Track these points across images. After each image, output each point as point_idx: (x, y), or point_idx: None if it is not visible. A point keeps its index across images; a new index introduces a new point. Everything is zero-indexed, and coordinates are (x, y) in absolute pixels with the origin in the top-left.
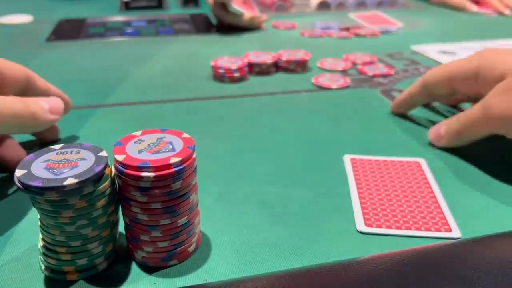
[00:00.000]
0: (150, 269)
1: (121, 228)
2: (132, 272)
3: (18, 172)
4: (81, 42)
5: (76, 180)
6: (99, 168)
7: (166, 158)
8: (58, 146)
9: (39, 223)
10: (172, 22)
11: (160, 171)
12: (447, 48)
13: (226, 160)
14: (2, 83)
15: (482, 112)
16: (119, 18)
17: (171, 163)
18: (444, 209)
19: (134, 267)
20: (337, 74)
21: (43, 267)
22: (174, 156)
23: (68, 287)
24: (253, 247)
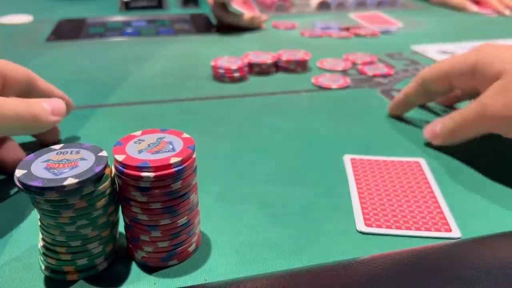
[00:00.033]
0: (150, 269)
1: (121, 228)
2: (132, 272)
3: (18, 172)
4: (81, 42)
5: (76, 180)
6: (99, 168)
7: (166, 158)
8: (58, 146)
9: (39, 223)
10: (172, 22)
11: (160, 171)
12: (447, 48)
13: (226, 160)
14: (4, 84)
15: (477, 111)
16: (119, 18)
17: (171, 163)
18: (444, 209)
19: (134, 267)
20: (337, 74)
21: (43, 267)
22: (174, 156)
23: (68, 287)
24: (253, 247)
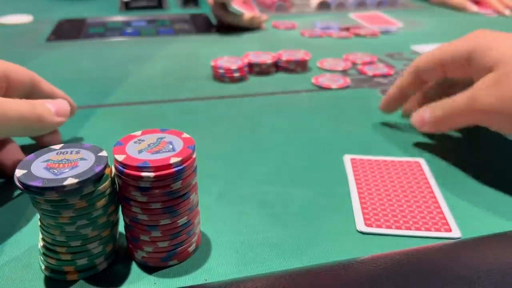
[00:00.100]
0: (150, 269)
1: (121, 228)
2: (132, 272)
3: (18, 172)
4: (81, 42)
5: (76, 180)
6: (99, 168)
7: (166, 158)
8: (58, 146)
9: (39, 223)
10: (172, 22)
11: (160, 171)
12: None
13: (226, 160)
14: (8, 86)
15: (468, 103)
16: (119, 18)
17: (171, 163)
18: (444, 209)
19: (134, 267)
20: (337, 74)
21: (43, 267)
22: (174, 156)
23: (68, 287)
24: (253, 247)
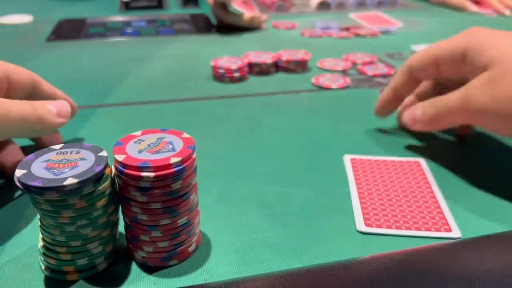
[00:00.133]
0: (150, 269)
1: (121, 228)
2: (132, 272)
3: (18, 172)
4: (81, 42)
5: (76, 180)
6: (99, 168)
7: (166, 158)
8: (58, 146)
9: (39, 223)
10: (172, 22)
11: (160, 171)
12: None
13: (226, 160)
14: (9, 87)
15: (461, 102)
16: (119, 18)
17: (171, 163)
18: (444, 209)
19: (134, 267)
20: (337, 74)
21: (43, 267)
22: (174, 156)
23: (68, 287)
24: (253, 247)
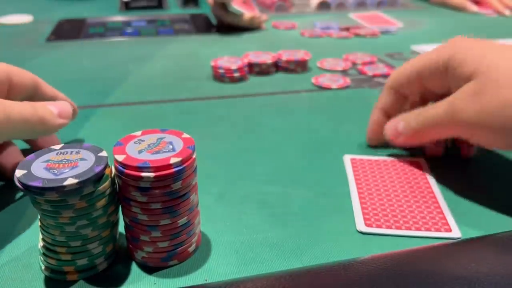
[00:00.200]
0: (150, 269)
1: (121, 228)
2: (132, 272)
3: (18, 172)
4: (81, 42)
5: (76, 180)
6: (99, 168)
7: (166, 158)
8: (58, 146)
9: (39, 223)
10: (172, 22)
11: (160, 171)
12: None
13: (226, 160)
14: (10, 89)
15: (447, 115)
16: (119, 18)
17: (171, 163)
18: (444, 209)
19: (134, 267)
20: (337, 74)
21: (43, 267)
22: (174, 156)
23: (68, 287)
24: (253, 247)
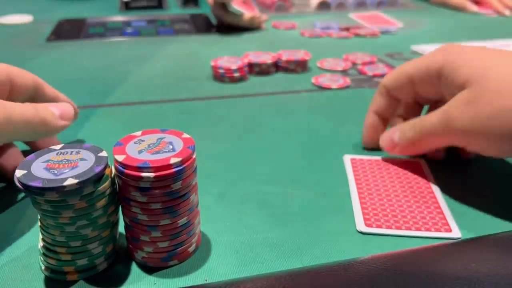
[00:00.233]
0: (150, 269)
1: (121, 228)
2: (132, 272)
3: (18, 173)
4: (81, 42)
5: (76, 181)
6: (99, 169)
7: (166, 159)
8: (58, 147)
9: (39, 223)
10: (172, 22)
11: (160, 172)
12: None
13: (226, 160)
14: (12, 90)
15: (442, 124)
16: (119, 18)
17: (171, 164)
18: (444, 209)
19: (134, 267)
20: (337, 74)
21: (43, 267)
22: (174, 156)
23: (68, 287)
24: (253, 247)
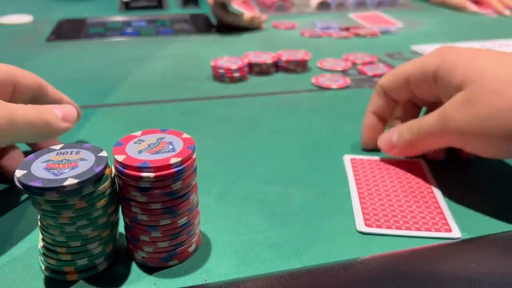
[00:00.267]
0: (150, 269)
1: (121, 228)
2: (132, 272)
3: (18, 173)
4: (81, 42)
5: (76, 181)
6: (99, 169)
7: (166, 159)
8: (58, 147)
9: (39, 223)
10: (172, 22)
11: (160, 172)
12: None
13: (226, 160)
14: (15, 91)
15: (439, 125)
16: (119, 18)
17: (171, 164)
18: (444, 209)
19: (134, 267)
20: (337, 74)
21: (43, 268)
22: (174, 156)
23: (68, 287)
24: (253, 247)
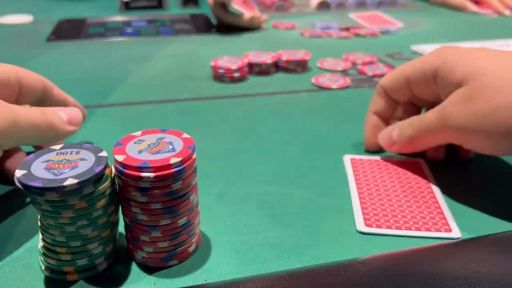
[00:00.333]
0: (150, 269)
1: (121, 228)
2: (132, 272)
3: (18, 173)
4: (81, 42)
5: (76, 181)
6: (99, 169)
7: (166, 159)
8: (58, 147)
9: (39, 223)
10: (172, 22)
11: (160, 172)
12: None
13: (226, 160)
14: (20, 92)
15: (439, 121)
16: (119, 18)
17: (171, 164)
18: (444, 209)
19: (134, 267)
20: (337, 74)
21: (43, 268)
22: (174, 156)
23: (68, 287)
24: (253, 247)
